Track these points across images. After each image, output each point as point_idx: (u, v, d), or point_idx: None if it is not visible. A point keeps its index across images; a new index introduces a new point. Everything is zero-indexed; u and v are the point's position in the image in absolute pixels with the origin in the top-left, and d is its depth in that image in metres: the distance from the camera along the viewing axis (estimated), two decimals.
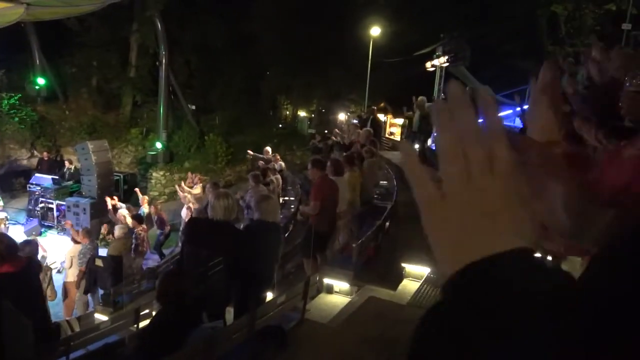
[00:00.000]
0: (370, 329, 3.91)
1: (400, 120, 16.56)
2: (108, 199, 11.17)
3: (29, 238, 8.82)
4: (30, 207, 14.07)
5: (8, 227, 12.20)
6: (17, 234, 11.78)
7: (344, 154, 7.43)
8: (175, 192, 17.00)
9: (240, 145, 18.43)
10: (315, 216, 5.59)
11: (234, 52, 21.21)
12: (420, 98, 11.56)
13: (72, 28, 19.10)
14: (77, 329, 5.92)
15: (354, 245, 5.28)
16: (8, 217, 12.58)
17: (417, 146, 12.47)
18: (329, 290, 5.03)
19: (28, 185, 14.43)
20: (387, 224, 6.69)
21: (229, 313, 4.37)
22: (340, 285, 4.98)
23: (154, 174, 17.89)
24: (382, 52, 19.83)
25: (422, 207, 0.49)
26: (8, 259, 3.54)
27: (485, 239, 0.43)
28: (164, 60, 18.71)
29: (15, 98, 17.73)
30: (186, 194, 10.35)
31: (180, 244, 7.54)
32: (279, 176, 9.70)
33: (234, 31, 20.80)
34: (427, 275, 4.84)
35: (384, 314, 4.16)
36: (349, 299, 4.80)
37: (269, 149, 12.32)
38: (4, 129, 17.08)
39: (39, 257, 6.40)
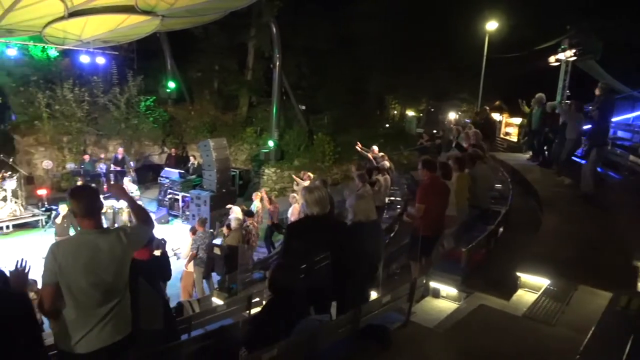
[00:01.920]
0: (480, 337, 3.72)
1: (517, 120, 15.44)
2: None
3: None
4: (160, 198, 15.74)
5: None
6: None
7: (455, 155, 7.14)
8: (285, 188, 17.86)
9: (347, 144, 18.67)
10: (420, 219, 5.46)
11: (342, 53, 21.58)
12: (538, 95, 10.72)
13: (198, 36, 20.98)
14: (197, 309, 6.50)
15: (463, 249, 5.05)
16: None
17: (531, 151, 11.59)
18: (436, 294, 4.88)
19: (159, 178, 16.15)
20: (501, 229, 6.30)
21: (334, 308, 4.46)
22: (448, 290, 4.81)
23: (266, 171, 18.88)
24: (496, 47, 18.67)
25: None
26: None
27: None
28: (277, 63, 19.64)
29: (151, 100, 19.96)
30: (295, 194, 10.77)
31: (286, 239, 7.88)
32: (387, 176, 9.61)
33: (341, 33, 21.17)
34: (546, 287, 4.46)
35: (496, 323, 3.92)
36: (457, 305, 4.61)
37: (375, 147, 12.32)
38: (141, 127, 19.32)
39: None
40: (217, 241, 9.15)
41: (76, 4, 10.16)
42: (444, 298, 4.84)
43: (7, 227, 12.70)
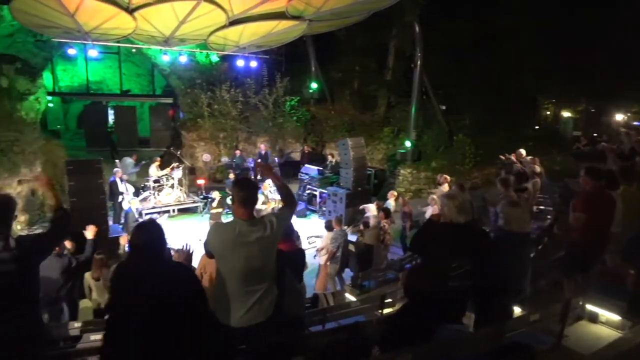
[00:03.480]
0: None
1: None
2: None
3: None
4: (299, 192, 16.61)
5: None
6: None
7: (622, 164, 6.24)
8: (421, 190, 17.48)
9: (490, 146, 17.51)
10: (579, 231, 4.87)
11: (487, 50, 20.21)
12: None
13: (341, 38, 21.61)
14: (331, 303, 6.71)
15: (631, 272, 4.38)
16: None
17: None
18: (593, 319, 4.32)
19: (299, 174, 17.09)
20: None
21: (469, 319, 4.23)
22: (609, 315, 4.22)
23: (402, 171, 18.66)
24: None
25: None
26: (284, 241, 4.27)
27: None
28: (418, 63, 19.23)
29: (295, 100, 21.20)
30: (433, 196, 10.46)
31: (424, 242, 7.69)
32: (537, 180, 8.80)
33: (486, 29, 19.82)
34: None
35: None
36: (620, 334, 4.02)
37: (522, 151, 11.38)
38: (285, 126, 20.66)
39: None
40: (352, 238, 9.34)
41: (236, 13, 11.26)
42: (603, 324, 4.27)
43: (173, 210, 14.67)
